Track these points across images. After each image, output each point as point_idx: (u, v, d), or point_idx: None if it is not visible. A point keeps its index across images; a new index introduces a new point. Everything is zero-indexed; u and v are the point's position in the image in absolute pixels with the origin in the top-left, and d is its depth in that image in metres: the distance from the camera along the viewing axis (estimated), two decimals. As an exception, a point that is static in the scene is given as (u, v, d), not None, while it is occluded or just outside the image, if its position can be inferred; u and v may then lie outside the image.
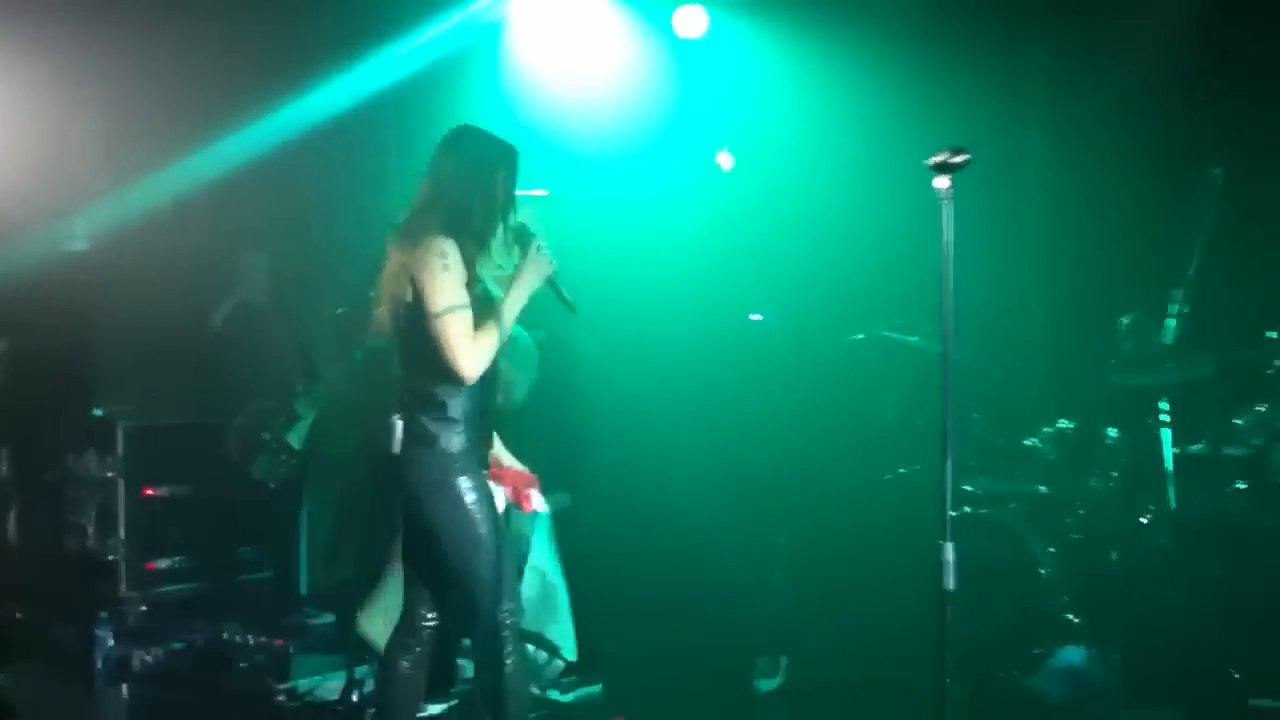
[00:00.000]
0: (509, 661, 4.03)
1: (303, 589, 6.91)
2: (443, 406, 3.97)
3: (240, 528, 6.68)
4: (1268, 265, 5.99)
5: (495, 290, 4.01)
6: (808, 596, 6.24)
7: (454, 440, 3.98)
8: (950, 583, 3.70)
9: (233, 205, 6.99)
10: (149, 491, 6.55)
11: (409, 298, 3.93)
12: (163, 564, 6.51)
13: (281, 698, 5.40)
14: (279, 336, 6.84)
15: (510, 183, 4.11)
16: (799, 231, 6.89)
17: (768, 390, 6.62)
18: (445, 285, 3.88)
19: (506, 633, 4.04)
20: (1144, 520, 5.70)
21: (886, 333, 6.31)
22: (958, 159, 3.72)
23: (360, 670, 5.40)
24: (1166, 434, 5.69)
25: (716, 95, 7.40)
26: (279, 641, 5.73)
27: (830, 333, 6.62)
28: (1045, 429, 5.98)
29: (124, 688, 5.59)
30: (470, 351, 3.89)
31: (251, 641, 5.76)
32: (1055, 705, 5.20)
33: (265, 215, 7.09)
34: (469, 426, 4.02)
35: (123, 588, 6.38)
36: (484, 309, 3.97)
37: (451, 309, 3.87)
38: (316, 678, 5.46)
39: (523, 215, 4.91)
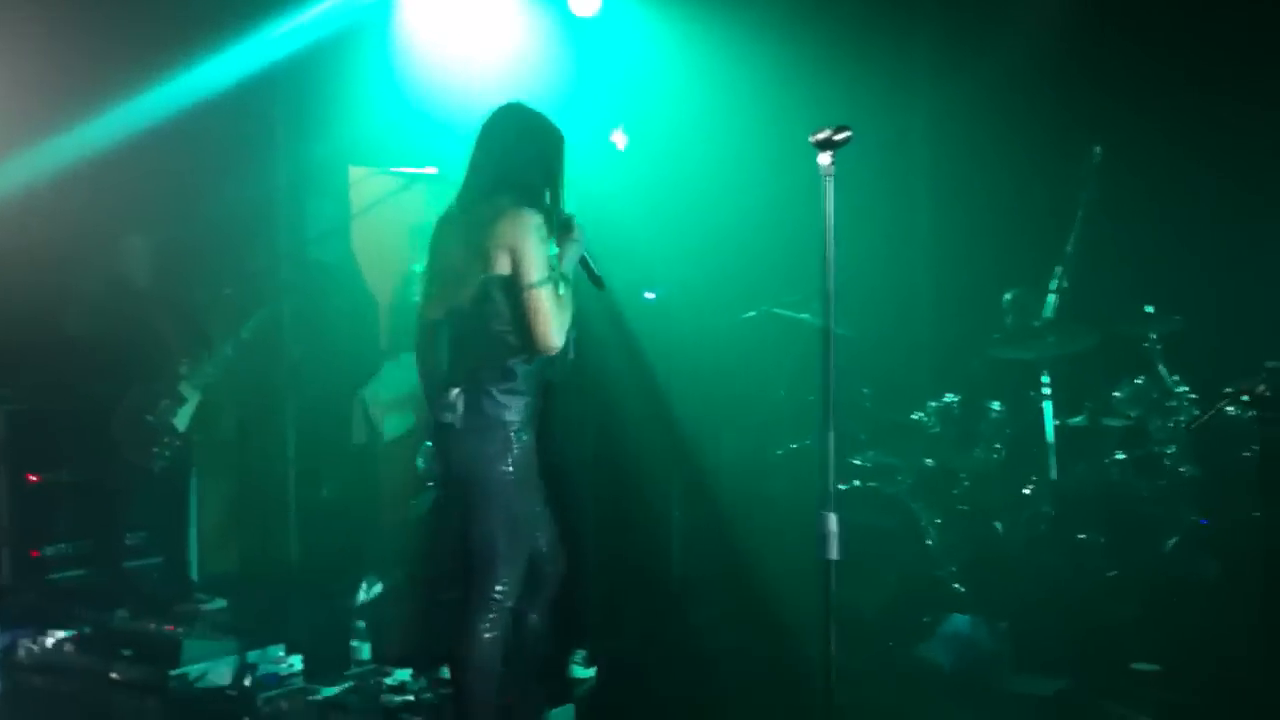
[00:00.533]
0: (487, 636, 4.08)
1: (193, 574, 6.82)
2: (514, 377, 4.07)
3: (128, 513, 6.55)
4: (1145, 241, 6.16)
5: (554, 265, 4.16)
6: (702, 569, 6.30)
7: (518, 411, 4.09)
8: (833, 552, 3.77)
9: (117, 184, 6.81)
10: (33, 477, 6.40)
11: (504, 270, 3.98)
12: (48, 551, 6.37)
13: (173, 684, 5.30)
14: (162, 318, 6.69)
15: (562, 163, 4.31)
16: (693, 209, 6.92)
17: (661, 367, 6.65)
18: (541, 258, 4.00)
19: (494, 613, 4.09)
20: (1027, 490, 5.85)
21: (778, 309, 6.39)
22: (840, 136, 3.79)
23: (252, 655, 5.34)
24: (1048, 406, 5.82)
25: (611, 74, 7.39)
26: (169, 627, 5.63)
27: (723, 310, 6.68)
28: (931, 403, 6.12)
29: (11, 677, 5.46)
30: (560, 321, 4.03)
31: (141, 628, 5.65)
32: (945, 672, 5.32)
33: (151, 193, 6.92)
34: (532, 396, 4.14)
35: (7, 576, 6.24)
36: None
37: (545, 280, 3.99)
38: (208, 663, 5.37)
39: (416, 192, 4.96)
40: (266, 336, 6.74)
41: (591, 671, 5.41)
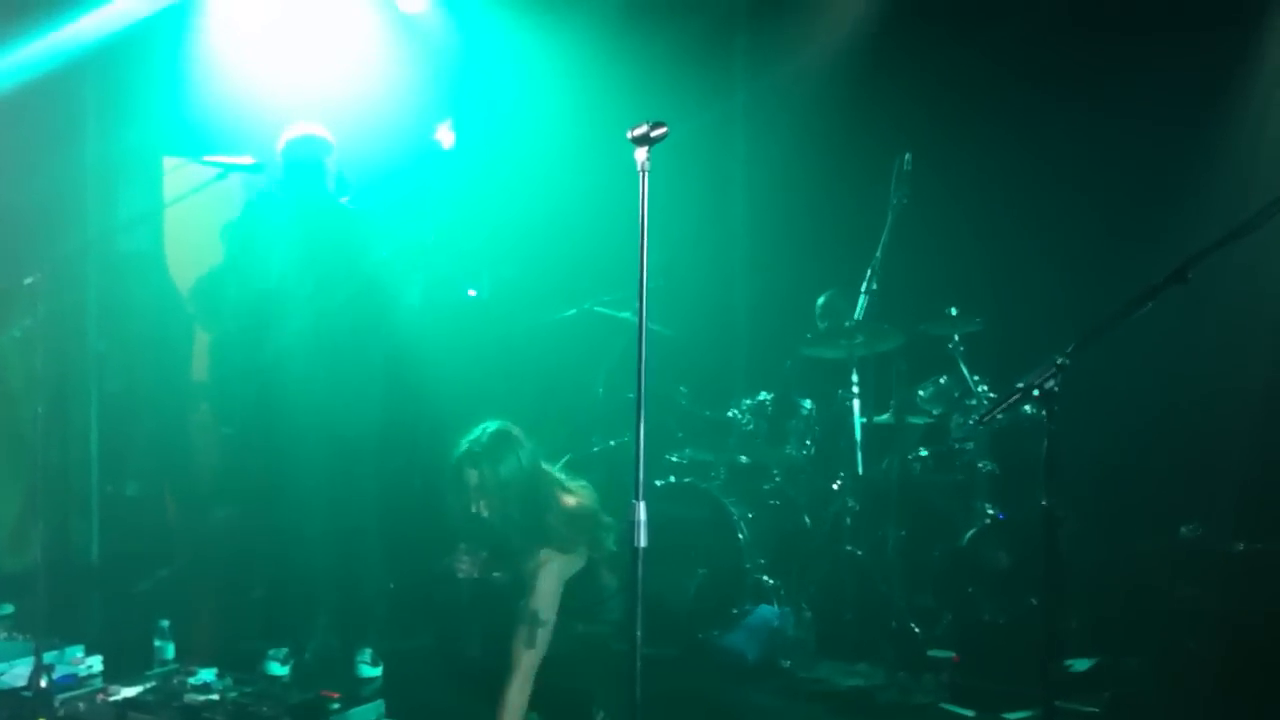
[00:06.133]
0: None
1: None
2: None
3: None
4: (950, 245, 6.38)
5: None
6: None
7: None
8: (641, 540, 3.82)
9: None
10: None
11: None
12: None
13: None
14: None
15: None
16: (517, 206, 6.94)
17: (481, 365, 6.64)
18: None
19: None
20: (834, 486, 6.01)
21: (598, 308, 6.42)
22: (656, 132, 3.83)
23: (49, 655, 5.16)
24: (856, 404, 5.99)
25: (437, 70, 7.36)
26: (-41, 629, 5.41)
27: (544, 308, 6.69)
28: (746, 401, 6.23)
29: None
30: None
31: (-70, 630, 5.42)
32: (751, 662, 5.42)
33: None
34: None
35: None
36: None
37: None
38: (2, 664, 5.17)
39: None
40: (52, 331, 6.44)
41: (379, 670, 5.37)
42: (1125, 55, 6.07)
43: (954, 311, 5.96)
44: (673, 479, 6.07)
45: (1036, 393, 4.31)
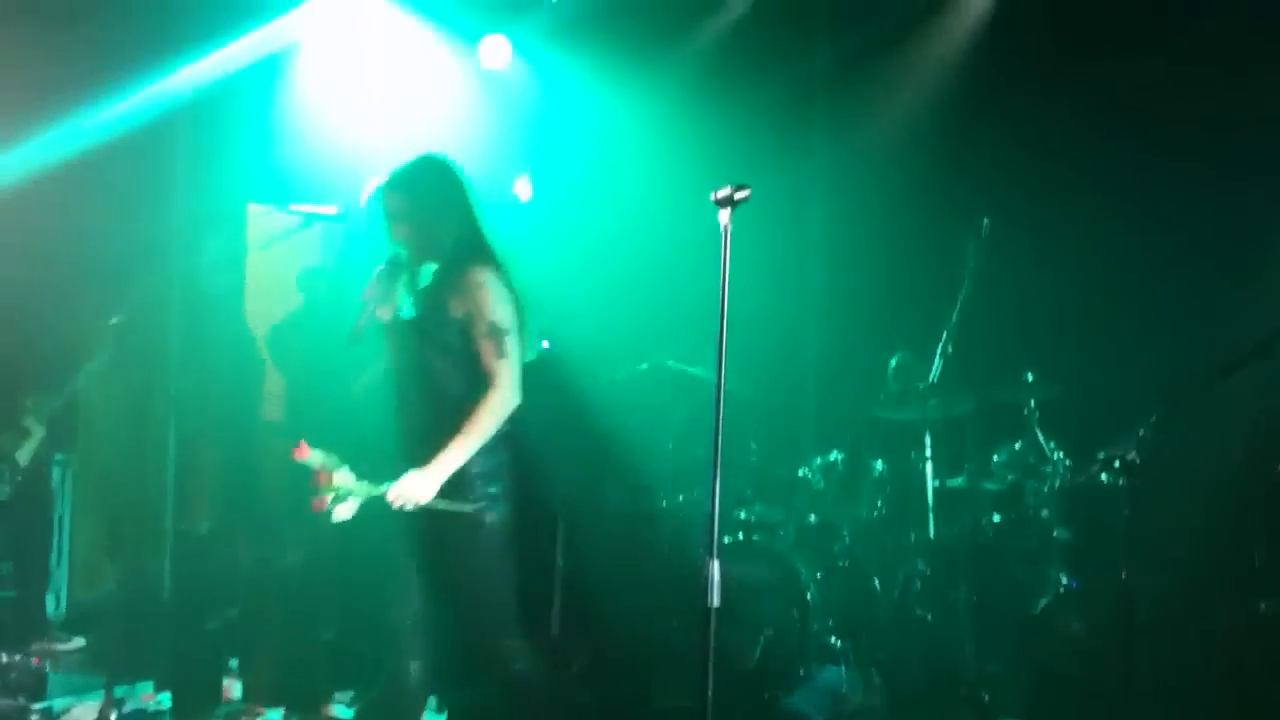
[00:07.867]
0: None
1: (61, 609, 6.61)
2: None
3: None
4: (1027, 310, 6.35)
5: None
6: (584, 618, 6.28)
7: None
8: (715, 600, 3.80)
9: (9, 222, 6.65)
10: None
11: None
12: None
13: (35, 717, 5.17)
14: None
15: None
16: (591, 260, 6.99)
17: (551, 416, 6.66)
18: None
19: None
20: (905, 549, 5.96)
21: (670, 363, 6.44)
22: (740, 195, 3.87)
23: (120, 690, 5.23)
24: (928, 467, 5.94)
25: (517, 126, 7.46)
26: (34, 660, 5.48)
27: (617, 361, 6.72)
28: (817, 460, 6.21)
29: None
30: None
31: (4, 660, 5.48)
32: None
33: (44, 228, 6.76)
34: None
35: None
36: None
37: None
38: (73, 697, 5.24)
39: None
40: (134, 369, 6.58)
41: (443, 717, 5.36)
42: (1216, 123, 6.04)
43: (1030, 377, 5.91)
44: (741, 536, 6.05)
45: (1117, 464, 4.27)
